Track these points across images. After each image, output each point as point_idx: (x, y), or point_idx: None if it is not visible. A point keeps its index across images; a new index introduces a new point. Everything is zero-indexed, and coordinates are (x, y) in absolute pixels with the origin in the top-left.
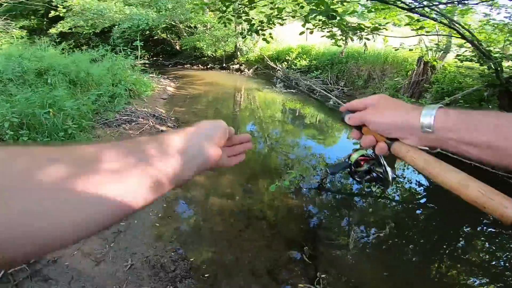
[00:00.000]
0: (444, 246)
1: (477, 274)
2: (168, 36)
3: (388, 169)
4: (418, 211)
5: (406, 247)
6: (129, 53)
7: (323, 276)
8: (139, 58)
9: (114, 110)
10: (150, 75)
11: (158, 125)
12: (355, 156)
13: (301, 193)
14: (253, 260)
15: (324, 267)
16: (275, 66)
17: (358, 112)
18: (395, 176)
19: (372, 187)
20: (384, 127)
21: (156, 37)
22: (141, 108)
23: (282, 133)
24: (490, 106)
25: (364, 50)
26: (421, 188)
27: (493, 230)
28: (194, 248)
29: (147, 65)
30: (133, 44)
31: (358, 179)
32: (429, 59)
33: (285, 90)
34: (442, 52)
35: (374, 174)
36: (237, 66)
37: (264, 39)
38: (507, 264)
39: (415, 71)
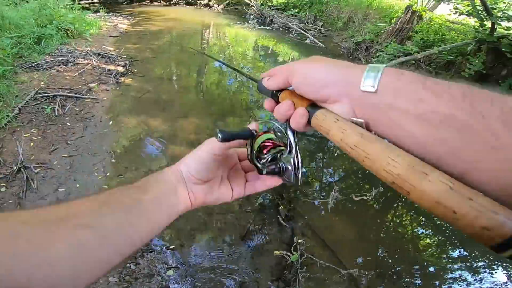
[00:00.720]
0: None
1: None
2: None
3: (300, 159)
4: None
5: (391, 213)
6: None
7: (300, 241)
8: None
9: (43, 52)
10: (97, 13)
11: (104, 64)
12: (258, 141)
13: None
14: (223, 225)
15: (301, 229)
16: (249, 2)
17: (281, 66)
18: (305, 171)
19: None
20: (313, 80)
21: None
22: (82, 48)
23: (253, 69)
24: (476, 61)
25: None
26: None
27: None
28: None
29: (96, 4)
30: None
31: (259, 165)
32: (418, 9)
33: (259, 27)
34: (435, 2)
35: (281, 165)
36: (205, 1)
37: None
38: None
39: (400, 18)
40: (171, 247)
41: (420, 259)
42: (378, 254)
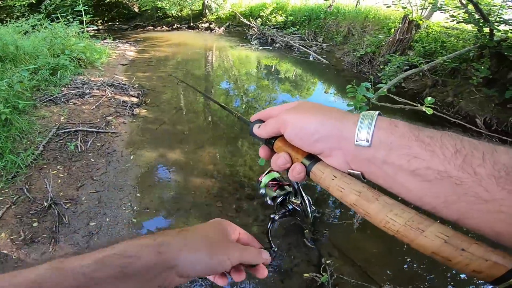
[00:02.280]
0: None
1: None
2: None
3: (307, 198)
4: None
5: None
6: (71, 19)
7: (328, 261)
8: (85, 24)
9: (60, 84)
10: (104, 41)
11: (118, 95)
12: (265, 180)
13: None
14: None
15: (327, 250)
16: (249, 23)
17: (273, 117)
18: (314, 210)
19: None
20: (305, 134)
21: (108, 0)
22: (95, 78)
23: (258, 89)
24: (482, 67)
25: (356, 5)
26: None
27: None
28: None
29: (101, 31)
30: (74, 10)
31: (276, 215)
32: (414, 18)
33: (261, 47)
34: (428, 11)
35: (290, 207)
36: (206, 25)
37: None
38: None
39: (399, 29)
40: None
41: (456, 273)
42: (409, 267)
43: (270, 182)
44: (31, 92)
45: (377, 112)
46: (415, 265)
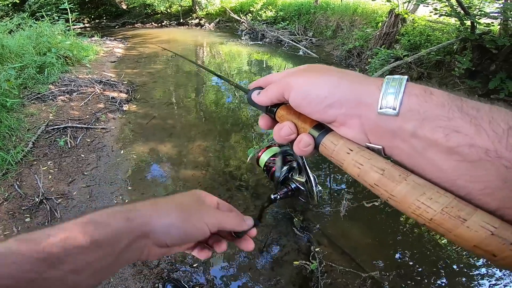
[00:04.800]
0: None
1: None
2: None
3: (312, 176)
4: None
5: (400, 214)
6: (56, 17)
7: (317, 249)
8: (71, 22)
9: (47, 81)
10: (92, 38)
11: (107, 92)
12: (264, 158)
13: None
14: None
15: (317, 238)
16: (239, 18)
17: (273, 77)
18: (320, 189)
19: None
20: (315, 98)
21: None
22: (83, 76)
23: (250, 83)
24: (464, 59)
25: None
26: None
27: None
28: None
29: (88, 29)
30: (59, 8)
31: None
32: (400, 12)
33: (252, 43)
34: (412, 5)
35: (293, 185)
36: (196, 21)
37: None
38: None
39: (386, 23)
40: (194, 265)
41: (442, 257)
42: (397, 255)
43: (272, 158)
44: (19, 90)
45: (405, 77)
46: (402, 253)
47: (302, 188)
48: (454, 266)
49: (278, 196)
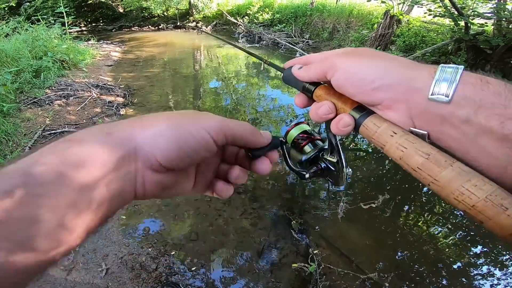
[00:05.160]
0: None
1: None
2: None
3: (344, 160)
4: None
5: (404, 215)
6: (52, 21)
7: (315, 251)
8: (67, 25)
9: (43, 86)
10: (88, 42)
11: (104, 95)
12: (293, 133)
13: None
14: (239, 243)
15: (315, 241)
16: (236, 21)
17: (317, 55)
18: (351, 171)
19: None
20: (362, 80)
21: (91, 1)
22: (80, 80)
23: (248, 86)
24: (458, 60)
25: (337, 1)
26: None
27: None
28: (172, 240)
29: (84, 32)
30: (55, 11)
31: (296, 169)
32: (395, 13)
33: (249, 45)
34: (407, 6)
35: (323, 165)
36: (193, 24)
37: None
38: None
39: (381, 24)
40: (192, 269)
41: (441, 258)
42: (397, 257)
43: (300, 135)
44: (15, 94)
45: (461, 66)
46: (401, 254)
47: (333, 168)
48: (455, 266)
49: (308, 174)
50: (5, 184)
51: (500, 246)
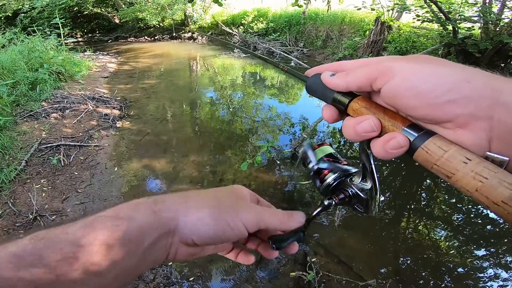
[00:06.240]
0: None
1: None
2: (103, 9)
3: (379, 188)
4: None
5: (403, 221)
6: (48, 32)
7: (314, 260)
8: (62, 36)
9: (39, 98)
10: (84, 53)
11: (100, 108)
12: (318, 155)
13: (275, 166)
14: None
15: (313, 248)
16: (231, 31)
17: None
18: (383, 199)
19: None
20: (430, 90)
21: (87, 12)
22: (76, 92)
23: (244, 96)
24: None
25: (328, 10)
26: None
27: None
28: None
29: (81, 43)
30: (51, 22)
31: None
32: (386, 20)
33: (244, 55)
34: (397, 12)
35: (351, 191)
36: (189, 35)
37: (215, 1)
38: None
39: (373, 31)
40: (190, 279)
41: (444, 262)
42: (397, 262)
43: (325, 159)
44: (11, 107)
45: None
46: (400, 260)
47: (363, 195)
48: (458, 270)
49: (333, 202)
50: (57, 254)
51: (504, 248)
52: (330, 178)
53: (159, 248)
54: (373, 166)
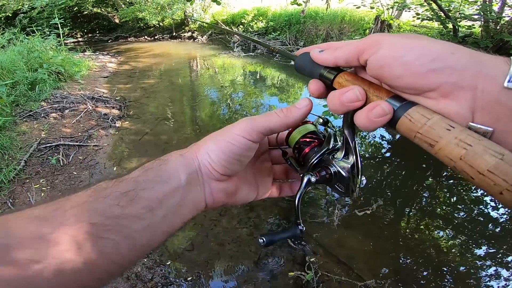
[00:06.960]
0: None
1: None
2: (102, 9)
3: (361, 166)
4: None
5: (403, 220)
6: (47, 32)
7: (312, 259)
8: (62, 37)
9: (39, 98)
10: (84, 53)
11: (99, 108)
12: (296, 136)
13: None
14: (236, 253)
15: (312, 249)
16: (231, 30)
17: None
18: (365, 180)
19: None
20: (416, 58)
21: (86, 13)
22: (75, 92)
23: (245, 95)
24: None
25: (327, 8)
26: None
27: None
28: (168, 250)
29: (81, 43)
30: (51, 22)
31: (302, 173)
32: (386, 18)
33: (244, 54)
34: (397, 11)
35: (332, 169)
36: (189, 34)
37: (214, 0)
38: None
39: (373, 29)
40: (188, 279)
41: (444, 261)
42: (397, 262)
43: (302, 140)
44: (11, 107)
45: None
46: (400, 259)
47: (345, 174)
48: (459, 269)
49: (315, 178)
50: (123, 188)
51: (505, 247)
52: (311, 154)
53: (194, 186)
54: (355, 142)
